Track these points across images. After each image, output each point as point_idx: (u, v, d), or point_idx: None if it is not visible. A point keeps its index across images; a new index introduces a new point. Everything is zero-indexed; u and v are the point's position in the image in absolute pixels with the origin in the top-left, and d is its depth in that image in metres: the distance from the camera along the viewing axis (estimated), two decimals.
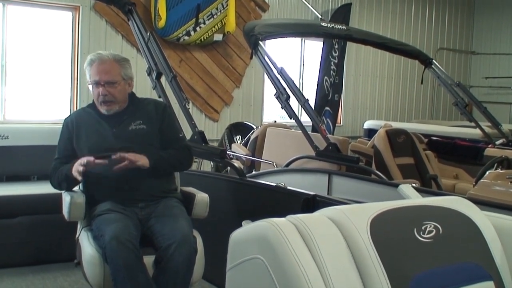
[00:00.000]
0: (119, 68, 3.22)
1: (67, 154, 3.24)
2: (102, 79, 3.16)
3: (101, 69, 3.17)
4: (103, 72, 3.17)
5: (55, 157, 3.27)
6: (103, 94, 3.17)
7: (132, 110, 3.30)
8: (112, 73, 3.18)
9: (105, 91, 3.16)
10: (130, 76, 3.30)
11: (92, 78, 3.19)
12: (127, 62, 3.31)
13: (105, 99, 3.18)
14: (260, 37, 4.93)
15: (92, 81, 3.20)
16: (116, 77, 3.20)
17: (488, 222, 1.71)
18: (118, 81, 3.20)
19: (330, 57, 9.35)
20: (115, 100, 3.21)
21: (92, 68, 3.20)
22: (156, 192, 3.20)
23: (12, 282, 4.10)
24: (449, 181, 5.92)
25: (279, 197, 3.56)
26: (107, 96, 3.18)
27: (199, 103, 8.14)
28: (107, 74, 3.17)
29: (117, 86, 3.20)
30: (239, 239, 1.59)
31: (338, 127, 9.84)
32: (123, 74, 3.24)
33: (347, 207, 1.60)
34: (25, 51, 7.06)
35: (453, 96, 6.53)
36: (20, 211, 4.45)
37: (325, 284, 1.38)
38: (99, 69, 3.17)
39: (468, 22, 11.97)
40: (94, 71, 3.19)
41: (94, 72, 3.18)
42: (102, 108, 3.22)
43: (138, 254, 2.83)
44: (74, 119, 3.30)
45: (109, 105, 3.21)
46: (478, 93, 10.51)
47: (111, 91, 3.18)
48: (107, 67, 3.18)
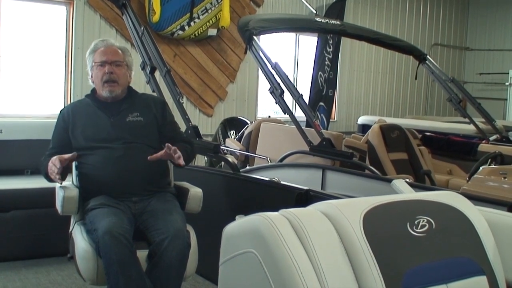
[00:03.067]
0: (123, 54, 3.34)
1: (61, 144, 3.23)
2: (109, 58, 3.26)
3: (108, 51, 3.29)
4: (111, 53, 3.28)
5: (49, 148, 3.26)
6: (109, 72, 3.22)
7: (129, 102, 3.33)
8: (118, 55, 3.31)
9: (111, 69, 3.23)
10: (131, 66, 3.40)
11: (98, 59, 3.26)
12: (128, 51, 3.44)
13: (111, 78, 3.23)
14: (254, 32, 4.92)
15: (99, 62, 3.26)
16: (121, 59, 3.31)
17: (481, 217, 1.72)
18: (122, 63, 3.30)
19: (324, 53, 9.35)
20: (119, 81, 3.27)
21: (97, 52, 3.29)
22: (150, 187, 3.20)
23: (5, 276, 4.09)
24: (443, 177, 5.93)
25: (273, 192, 3.56)
26: (112, 74, 3.23)
27: (193, 98, 8.12)
28: (115, 55, 3.29)
29: (121, 69, 3.29)
30: (232, 233, 1.59)
31: (332, 123, 9.85)
32: (127, 60, 3.35)
33: (340, 201, 1.60)
34: (19, 45, 7.02)
35: (447, 92, 6.53)
36: (14, 205, 4.45)
37: (317, 278, 1.38)
38: (106, 51, 3.28)
39: (462, 18, 11.98)
40: (100, 53, 3.28)
41: (101, 54, 3.27)
42: (105, 89, 3.24)
43: (132, 248, 2.83)
44: (71, 110, 3.31)
45: (112, 86, 3.25)
46: (472, 89, 10.56)
47: (116, 71, 3.26)
48: (114, 50, 3.32)
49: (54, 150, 3.21)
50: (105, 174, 3.13)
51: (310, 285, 1.36)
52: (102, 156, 3.15)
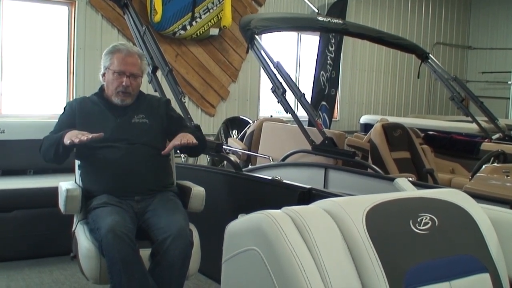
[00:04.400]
0: (141, 63, 3.30)
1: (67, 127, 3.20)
2: (129, 70, 3.22)
3: (130, 61, 3.23)
4: (131, 64, 3.23)
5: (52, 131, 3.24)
6: (126, 85, 3.20)
7: (136, 103, 3.33)
8: (137, 66, 3.27)
9: (129, 82, 3.21)
10: (145, 71, 3.42)
11: (117, 67, 3.21)
12: (145, 57, 3.42)
13: (127, 90, 3.22)
14: (256, 31, 4.92)
15: (117, 70, 3.21)
16: (139, 71, 3.28)
17: (484, 215, 1.72)
18: (140, 75, 3.29)
19: (326, 52, 9.34)
20: (132, 93, 3.26)
21: (117, 57, 3.23)
22: (153, 186, 3.20)
23: (8, 275, 4.10)
24: (446, 176, 5.92)
25: (275, 191, 3.56)
26: (129, 87, 3.22)
27: (195, 97, 8.12)
28: (134, 67, 3.24)
29: (138, 80, 3.28)
30: (235, 231, 1.59)
31: (335, 122, 9.85)
32: (143, 68, 3.33)
33: (343, 199, 1.60)
34: (21, 46, 7.03)
35: (450, 91, 6.53)
36: (16, 205, 4.45)
37: (320, 276, 1.38)
38: (127, 60, 3.23)
39: (464, 17, 11.97)
40: (121, 60, 3.22)
41: (121, 62, 3.22)
42: (117, 98, 3.24)
43: (134, 247, 2.83)
44: (79, 103, 3.31)
45: (126, 96, 3.25)
46: (474, 87, 10.53)
47: (133, 84, 3.24)
48: (135, 60, 3.26)
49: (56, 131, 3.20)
50: (108, 173, 3.14)
51: (313, 283, 1.36)
52: (105, 155, 3.15)
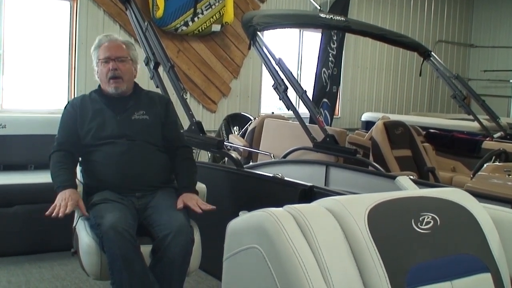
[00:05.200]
0: (127, 49, 3.32)
1: (69, 134, 3.21)
2: (113, 54, 3.23)
3: (112, 46, 3.26)
4: (113, 49, 3.25)
5: (56, 144, 3.22)
6: (113, 69, 3.21)
7: (136, 100, 3.32)
8: (122, 50, 3.28)
9: (115, 65, 3.22)
10: (136, 60, 3.38)
11: (102, 55, 3.24)
12: (133, 45, 3.42)
13: (115, 74, 3.22)
14: (258, 27, 4.91)
15: (103, 58, 3.24)
16: (126, 54, 3.29)
17: (486, 214, 1.71)
18: (127, 58, 3.28)
19: (328, 49, 9.33)
20: (124, 77, 3.25)
21: (101, 48, 3.27)
22: (154, 182, 3.19)
23: (9, 271, 4.10)
24: (447, 174, 5.92)
25: (276, 188, 3.55)
26: (116, 71, 3.22)
27: (197, 94, 8.12)
28: (119, 51, 3.26)
29: (126, 64, 3.27)
30: (237, 229, 1.59)
31: (336, 119, 9.84)
32: (131, 55, 3.33)
33: (345, 198, 1.59)
34: (22, 41, 7.03)
35: (452, 89, 6.52)
36: (17, 200, 4.45)
37: (322, 274, 1.38)
38: (110, 46, 3.26)
39: (467, 15, 11.95)
40: (104, 49, 3.25)
41: (105, 50, 3.25)
42: (110, 86, 3.24)
43: (135, 243, 2.83)
44: (79, 102, 3.31)
45: (117, 82, 3.23)
46: (476, 86, 10.52)
47: (121, 67, 3.24)
48: (117, 45, 3.29)
49: (61, 148, 3.20)
50: (109, 169, 3.14)
51: (314, 281, 1.36)
52: (106, 152, 3.15)
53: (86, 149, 3.19)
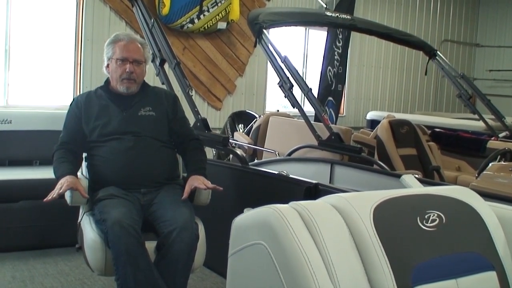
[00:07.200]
0: (143, 50, 3.33)
1: (73, 131, 3.23)
2: (132, 56, 3.25)
3: (132, 48, 3.27)
4: (133, 51, 3.26)
5: (60, 136, 3.25)
6: (130, 71, 3.22)
7: (142, 96, 3.34)
8: (140, 53, 3.29)
9: (132, 68, 3.23)
10: (148, 60, 3.45)
11: (120, 54, 3.24)
12: (147, 45, 3.47)
13: (131, 77, 3.24)
14: (264, 25, 4.91)
15: (120, 58, 3.24)
16: (142, 57, 3.31)
17: (492, 212, 1.71)
18: (143, 61, 3.31)
19: (334, 47, 9.32)
20: (137, 80, 3.28)
21: (119, 46, 3.26)
22: (159, 178, 3.20)
23: (13, 266, 4.11)
24: (452, 173, 5.91)
25: (281, 185, 3.55)
26: (132, 74, 3.24)
27: (202, 91, 8.12)
28: (137, 53, 3.27)
29: (141, 67, 3.30)
30: (242, 225, 1.59)
31: (341, 118, 9.83)
32: (146, 57, 3.36)
33: (350, 195, 1.59)
34: (29, 37, 7.04)
35: (457, 88, 6.51)
36: (22, 195, 4.46)
37: (327, 271, 1.38)
38: (129, 47, 3.26)
39: (472, 14, 11.91)
40: (122, 48, 3.25)
41: (123, 49, 3.25)
42: (122, 85, 3.25)
43: (140, 239, 2.84)
44: (85, 99, 3.32)
45: (131, 83, 3.26)
46: (482, 85, 10.48)
47: (137, 70, 3.26)
48: (136, 47, 3.29)
49: (64, 145, 3.22)
50: (114, 165, 3.14)
51: (320, 278, 1.36)
52: (111, 147, 3.16)
53: (92, 145, 3.20)
